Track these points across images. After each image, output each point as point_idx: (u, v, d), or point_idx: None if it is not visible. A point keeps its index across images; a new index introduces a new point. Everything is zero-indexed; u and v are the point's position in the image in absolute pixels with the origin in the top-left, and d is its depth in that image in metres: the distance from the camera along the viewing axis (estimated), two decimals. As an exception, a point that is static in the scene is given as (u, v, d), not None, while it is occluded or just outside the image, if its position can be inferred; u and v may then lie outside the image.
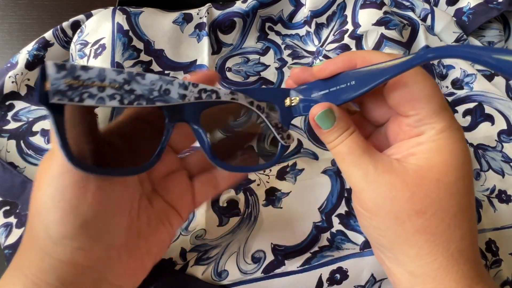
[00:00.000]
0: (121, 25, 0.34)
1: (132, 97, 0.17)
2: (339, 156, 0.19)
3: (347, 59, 0.19)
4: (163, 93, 0.18)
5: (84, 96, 0.16)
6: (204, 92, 0.19)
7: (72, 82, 0.16)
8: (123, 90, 0.17)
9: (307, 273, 0.27)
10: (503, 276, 0.28)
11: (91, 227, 0.17)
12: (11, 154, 0.32)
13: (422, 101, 0.17)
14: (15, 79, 0.35)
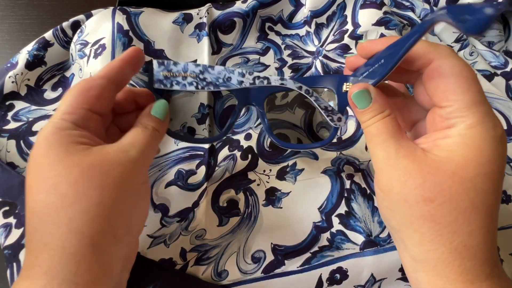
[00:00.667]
0: (121, 25, 0.34)
1: (204, 83, 0.23)
2: (368, 136, 0.20)
3: (388, 43, 0.19)
4: (226, 80, 0.23)
5: (173, 83, 0.23)
6: (258, 79, 0.23)
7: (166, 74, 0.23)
8: (198, 78, 0.23)
9: (307, 273, 0.27)
10: (503, 276, 0.28)
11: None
12: (11, 154, 0.32)
13: (456, 93, 0.17)
14: (15, 79, 0.35)
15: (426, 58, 0.18)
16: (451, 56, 0.18)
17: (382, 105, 0.20)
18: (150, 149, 0.22)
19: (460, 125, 0.17)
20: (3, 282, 0.29)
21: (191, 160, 0.32)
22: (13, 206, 0.29)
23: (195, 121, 0.33)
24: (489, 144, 0.17)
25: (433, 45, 0.18)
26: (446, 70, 0.17)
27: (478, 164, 0.17)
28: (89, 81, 0.21)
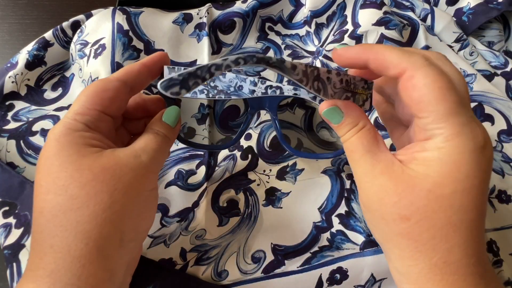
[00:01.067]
0: (121, 25, 0.34)
1: (215, 91, 0.23)
2: (346, 152, 0.20)
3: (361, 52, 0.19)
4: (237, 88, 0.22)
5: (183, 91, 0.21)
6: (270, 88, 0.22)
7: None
8: (209, 86, 0.22)
9: (307, 273, 0.27)
10: (504, 276, 0.28)
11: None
12: (11, 154, 0.32)
13: (431, 104, 0.16)
14: (15, 79, 0.35)
15: (399, 68, 0.17)
16: (424, 65, 0.17)
17: (355, 118, 0.19)
18: (161, 155, 0.22)
19: (438, 138, 0.17)
20: (3, 282, 0.29)
21: (191, 160, 0.32)
22: (13, 206, 0.29)
23: (195, 121, 0.33)
24: (468, 158, 0.16)
25: (406, 54, 0.17)
26: (419, 81, 0.17)
27: (455, 180, 0.16)
28: (104, 82, 0.21)
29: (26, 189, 0.29)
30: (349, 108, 0.20)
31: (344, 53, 0.19)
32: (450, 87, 0.17)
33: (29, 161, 0.32)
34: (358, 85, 0.21)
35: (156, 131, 0.22)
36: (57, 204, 0.18)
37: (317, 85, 0.20)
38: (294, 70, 0.19)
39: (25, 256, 0.27)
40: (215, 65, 0.17)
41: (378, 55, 0.18)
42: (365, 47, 0.19)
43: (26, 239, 0.28)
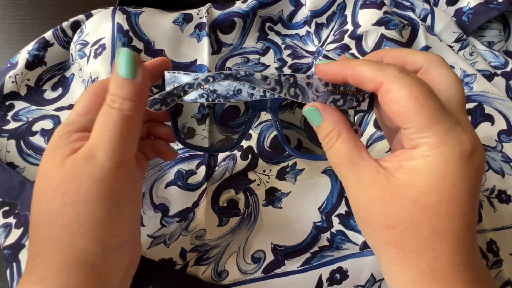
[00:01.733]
0: (121, 25, 0.34)
1: (214, 95, 0.22)
2: (330, 163, 0.20)
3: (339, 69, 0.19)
4: (236, 92, 0.22)
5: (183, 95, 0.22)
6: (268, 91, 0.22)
7: (177, 85, 0.21)
8: (209, 91, 0.22)
9: (307, 273, 0.27)
10: (504, 276, 0.28)
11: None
12: (11, 154, 0.32)
13: (410, 115, 0.16)
14: (15, 79, 0.35)
15: (375, 82, 0.17)
16: (398, 78, 0.17)
17: (333, 123, 0.19)
18: (125, 141, 0.18)
19: (423, 147, 0.17)
20: (3, 282, 0.29)
21: (191, 160, 0.32)
22: (13, 206, 0.29)
23: (195, 121, 0.33)
24: (453, 166, 0.16)
25: (380, 68, 0.17)
26: (395, 93, 0.17)
27: (441, 190, 0.16)
28: (105, 83, 0.21)
29: (26, 189, 0.29)
30: (328, 111, 0.20)
31: (325, 69, 0.20)
32: (427, 95, 0.16)
33: (29, 161, 0.32)
34: (350, 86, 0.21)
35: (108, 107, 0.18)
36: (36, 216, 0.18)
37: (293, 92, 0.21)
38: (265, 80, 0.20)
39: (25, 256, 0.27)
40: (188, 84, 0.20)
41: (354, 71, 0.18)
42: (343, 63, 0.19)
43: (26, 239, 0.28)
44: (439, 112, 0.16)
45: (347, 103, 0.21)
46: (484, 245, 0.29)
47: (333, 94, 0.21)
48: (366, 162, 0.18)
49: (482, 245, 0.29)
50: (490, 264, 0.29)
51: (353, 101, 0.21)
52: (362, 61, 0.19)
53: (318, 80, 0.21)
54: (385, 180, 0.17)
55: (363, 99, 0.21)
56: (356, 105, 0.21)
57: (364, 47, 0.35)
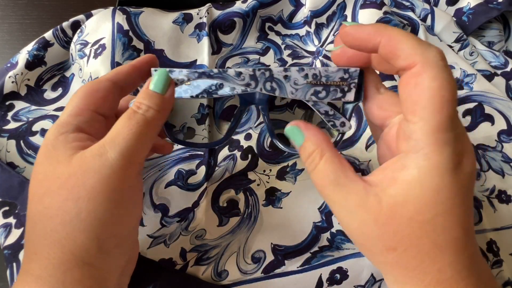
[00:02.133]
0: (121, 25, 0.34)
1: (199, 91, 0.22)
2: (315, 186, 0.19)
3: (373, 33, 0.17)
4: (218, 86, 0.21)
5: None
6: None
7: None
8: (192, 86, 0.21)
9: (307, 273, 0.27)
10: (504, 276, 0.28)
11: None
12: (11, 154, 0.32)
13: (425, 110, 0.15)
14: (15, 79, 0.35)
15: (410, 59, 0.16)
16: (437, 66, 0.15)
17: (315, 143, 0.18)
18: (141, 141, 0.19)
19: (418, 153, 0.16)
20: (3, 282, 0.29)
21: (191, 160, 0.32)
22: (13, 206, 0.29)
23: (195, 122, 0.33)
24: (448, 179, 0.15)
25: (421, 47, 0.16)
26: (425, 81, 0.15)
27: (436, 204, 0.16)
28: (95, 83, 0.21)
29: (26, 189, 0.29)
30: (310, 131, 0.19)
31: (354, 32, 0.17)
32: (453, 99, 0.15)
33: (29, 161, 0.32)
34: (332, 76, 0.19)
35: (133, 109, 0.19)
36: (36, 213, 0.18)
37: (270, 86, 0.20)
38: (238, 76, 0.20)
39: (25, 256, 0.27)
40: None
41: (391, 41, 0.16)
42: (378, 28, 0.17)
43: (26, 239, 0.28)
44: (452, 120, 0.15)
45: (330, 95, 0.20)
46: (484, 245, 0.29)
47: (314, 86, 0.20)
48: (353, 183, 0.17)
49: (482, 245, 0.29)
50: (490, 264, 0.29)
51: (337, 92, 0.20)
52: (401, 31, 0.16)
53: (296, 72, 0.19)
54: (375, 202, 0.16)
55: (349, 89, 0.20)
56: (340, 96, 0.20)
57: (364, 47, 0.35)
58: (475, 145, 0.33)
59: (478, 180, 0.32)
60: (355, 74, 0.20)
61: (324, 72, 0.20)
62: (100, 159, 0.18)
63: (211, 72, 0.20)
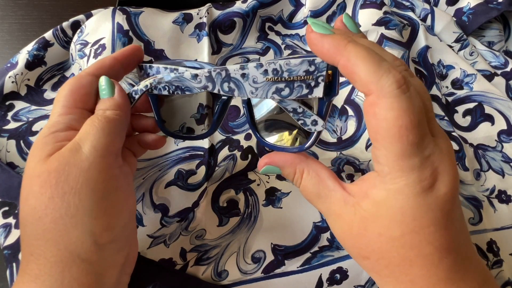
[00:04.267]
0: (121, 25, 0.34)
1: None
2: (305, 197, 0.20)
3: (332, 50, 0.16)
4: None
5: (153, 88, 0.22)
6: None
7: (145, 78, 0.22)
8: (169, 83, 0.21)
9: (307, 273, 0.27)
10: (504, 276, 0.28)
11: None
12: (11, 154, 0.32)
13: (386, 140, 0.15)
14: (15, 79, 0.35)
15: (366, 88, 0.15)
16: (392, 95, 0.15)
17: (290, 166, 0.20)
18: (108, 135, 0.20)
19: (387, 177, 0.16)
20: (3, 282, 0.29)
21: (191, 160, 0.32)
22: (13, 206, 0.29)
23: (194, 122, 0.33)
24: (413, 202, 0.16)
25: (378, 73, 0.15)
26: (381, 112, 0.15)
27: (402, 223, 0.16)
28: (78, 79, 0.21)
29: (26, 189, 0.29)
30: (279, 160, 0.20)
31: (316, 43, 0.16)
32: (414, 125, 0.15)
33: (29, 161, 0.32)
34: (296, 70, 0.17)
35: (94, 116, 0.21)
36: (25, 214, 0.18)
37: (227, 87, 0.19)
38: (195, 78, 0.19)
39: (25, 256, 0.27)
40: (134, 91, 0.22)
41: (349, 63, 0.16)
42: (339, 45, 0.16)
43: (26, 239, 0.28)
44: (415, 146, 0.15)
45: (294, 92, 0.18)
46: (484, 245, 0.29)
47: (275, 83, 0.18)
48: (333, 193, 0.19)
49: (482, 245, 0.29)
50: (490, 264, 0.29)
51: (303, 88, 0.17)
52: (362, 51, 0.15)
53: (254, 68, 0.17)
54: (351, 212, 0.18)
55: (316, 84, 0.17)
56: (307, 92, 0.17)
57: (364, 47, 0.35)
58: (475, 145, 0.33)
59: (478, 180, 0.32)
60: (323, 66, 0.17)
61: (286, 66, 0.17)
62: (76, 154, 0.19)
63: (169, 77, 0.20)
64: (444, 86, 0.36)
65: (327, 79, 0.17)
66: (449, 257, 0.16)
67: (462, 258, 0.17)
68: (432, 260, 0.16)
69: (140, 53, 0.24)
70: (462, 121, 0.34)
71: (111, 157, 0.20)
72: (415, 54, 0.37)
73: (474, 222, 0.30)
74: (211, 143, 0.33)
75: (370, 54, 0.15)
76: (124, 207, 0.20)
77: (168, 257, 0.28)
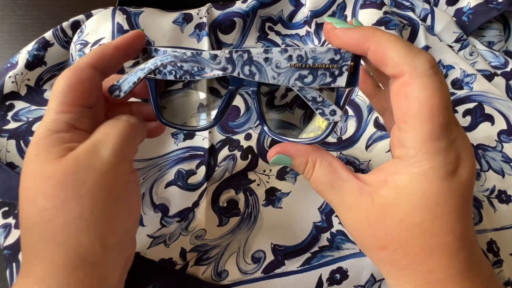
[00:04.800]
0: (121, 25, 0.34)
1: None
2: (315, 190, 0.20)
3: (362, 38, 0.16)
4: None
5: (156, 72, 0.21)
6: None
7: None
8: (176, 67, 0.20)
9: (307, 273, 0.27)
10: (504, 276, 0.28)
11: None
12: (11, 154, 0.32)
13: (416, 120, 0.15)
14: (15, 79, 0.35)
15: (398, 68, 0.16)
16: (425, 75, 0.15)
17: (303, 157, 0.19)
18: (128, 141, 0.20)
19: (411, 160, 0.16)
20: (3, 282, 0.29)
21: (191, 160, 0.32)
22: (12, 206, 0.29)
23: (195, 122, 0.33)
24: (437, 187, 0.16)
25: (410, 54, 0.15)
26: (414, 91, 0.15)
27: (425, 209, 0.16)
28: (77, 73, 0.20)
29: (26, 189, 0.29)
30: (291, 149, 0.19)
31: (343, 36, 0.17)
32: (444, 106, 0.15)
33: (29, 161, 0.32)
34: (321, 58, 0.17)
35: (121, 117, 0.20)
36: (31, 216, 0.18)
37: (248, 70, 0.18)
38: (214, 59, 0.18)
39: (25, 256, 0.27)
40: (139, 69, 0.20)
41: (380, 48, 0.16)
42: (367, 33, 0.16)
43: (26, 239, 0.28)
44: (443, 128, 0.15)
45: (317, 80, 0.17)
46: (484, 245, 0.29)
47: (298, 70, 0.17)
48: (346, 183, 0.18)
49: (482, 245, 0.29)
50: (490, 264, 0.29)
51: (326, 76, 0.17)
52: (391, 37, 0.16)
53: (278, 53, 0.17)
54: (369, 201, 0.17)
55: (340, 73, 0.17)
56: (330, 81, 0.17)
57: (364, 47, 0.35)
58: (475, 145, 0.33)
59: (478, 180, 0.32)
60: (348, 55, 0.17)
61: (311, 53, 0.17)
62: (95, 157, 0.18)
63: (184, 55, 0.19)
64: (444, 86, 0.36)
65: (350, 69, 0.17)
66: (466, 249, 0.16)
67: (475, 252, 0.17)
68: (451, 250, 0.16)
69: (142, 40, 0.22)
70: (462, 121, 0.34)
71: (127, 164, 0.20)
72: (415, 54, 0.37)
73: (474, 222, 0.30)
74: (211, 143, 0.33)
75: (399, 38, 0.16)
76: (132, 210, 0.21)
77: (168, 257, 0.28)
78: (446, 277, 0.16)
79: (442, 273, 0.16)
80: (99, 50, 0.21)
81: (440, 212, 0.16)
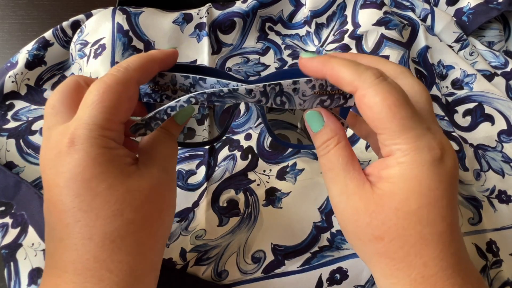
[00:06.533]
0: (121, 25, 0.34)
1: (203, 98, 0.19)
2: (322, 168, 0.20)
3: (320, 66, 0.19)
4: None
5: (163, 97, 0.21)
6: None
7: (153, 87, 0.21)
8: (189, 93, 0.20)
9: (307, 273, 0.27)
10: (503, 276, 0.28)
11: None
12: (10, 153, 0.32)
13: (383, 121, 0.17)
14: (15, 78, 0.35)
15: (352, 86, 0.18)
16: (374, 84, 0.17)
17: (333, 130, 0.20)
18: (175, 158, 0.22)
19: (396, 153, 0.17)
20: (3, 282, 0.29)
21: (191, 160, 0.32)
22: (9, 206, 0.29)
23: (195, 122, 0.33)
24: (427, 171, 0.16)
25: (358, 71, 0.18)
26: (370, 99, 0.17)
27: (419, 195, 0.16)
28: (124, 89, 0.18)
29: (22, 189, 0.29)
30: (330, 119, 0.20)
31: (306, 65, 0.19)
32: (401, 102, 0.17)
33: (28, 160, 0.32)
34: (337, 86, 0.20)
35: (171, 135, 0.21)
36: (114, 230, 0.17)
37: (280, 100, 0.20)
38: (249, 94, 0.20)
39: (22, 256, 0.27)
40: (170, 107, 0.19)
41: (333, 72, 0.18)
42: (323, 61, 0.19)
43: (23, 239, 0.28)
44: (410, 119, 0.17)
45: (334, 102, 0.21)
46: (484, 245, 0.29)
47: (320, 96, 0.20)
48: (356, 172, 0.19)
49: (482, 245, 0.29)
50: (489, 264, 0.29)
51: (340, 99, 0.21)
52: (341, 61, 0.18)
53: (304, 84, 0.20)
54: (369, 191, 0.18)
55: (351, 96, 0.21)
56: (343, 102, 0.21)
57: (364, 47, 0.35)
58: (475, 145, 0.33)
59: (478, 180, 0.32)
60: None
61: (329, 82, 0.20)
62: (166, 175, 0.20)
63: (221, 92, 0.19)
64: (444, 86, 0.36)
65: None
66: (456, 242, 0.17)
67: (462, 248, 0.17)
68: (444, 240, 0.17)
69: (176, 60, 0.21)
70: (462, 121, 0.34)
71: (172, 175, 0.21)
72: (415, 54, 0.37)
73: (474, 222, 0.30)
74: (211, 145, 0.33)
75: (348, 61, 0.18)
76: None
77: (168, 257, 0.28)
78: (439, 271, 0.17)
79: (436, 266, 0.16)
80: (144, 64, 0.19)
81: (433, 197, 0.16)
